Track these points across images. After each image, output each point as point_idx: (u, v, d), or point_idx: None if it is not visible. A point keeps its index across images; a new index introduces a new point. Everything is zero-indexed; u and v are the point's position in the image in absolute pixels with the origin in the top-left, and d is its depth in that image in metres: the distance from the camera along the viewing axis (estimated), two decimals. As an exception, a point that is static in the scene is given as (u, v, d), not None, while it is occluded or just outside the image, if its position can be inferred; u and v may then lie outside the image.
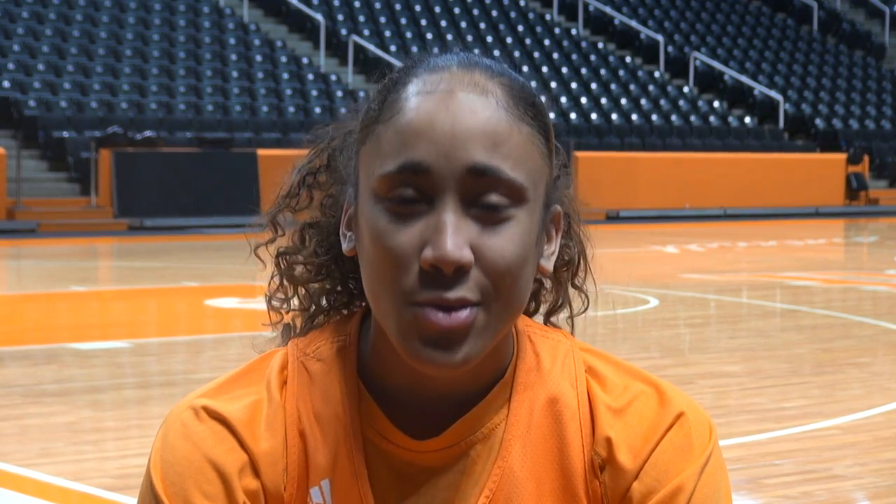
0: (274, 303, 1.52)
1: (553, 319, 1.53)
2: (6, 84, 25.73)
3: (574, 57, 33.99)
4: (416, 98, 1.33)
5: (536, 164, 1.35)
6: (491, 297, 1.31)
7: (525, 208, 1.33)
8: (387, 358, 1.38)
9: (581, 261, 1.52)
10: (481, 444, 1.39)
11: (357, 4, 33.08)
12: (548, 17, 36.19)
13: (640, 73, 34.38)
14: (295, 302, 1.52)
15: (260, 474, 1.38)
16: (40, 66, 26.62)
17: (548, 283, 1.52)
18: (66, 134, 24.59)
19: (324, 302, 1.50)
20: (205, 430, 1.38)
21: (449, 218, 1.29)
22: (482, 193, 1.31)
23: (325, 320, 1.50)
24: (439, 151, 1.30)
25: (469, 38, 33.25)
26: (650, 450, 1.38)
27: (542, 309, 1.53)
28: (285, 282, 1.50)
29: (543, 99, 1.40)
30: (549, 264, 1.41)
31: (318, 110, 27.67)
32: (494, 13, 34.82)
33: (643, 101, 32.77)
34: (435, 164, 1.30)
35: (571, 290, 1.54)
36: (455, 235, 1.29)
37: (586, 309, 1.55)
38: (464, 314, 1.29)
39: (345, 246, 1.40)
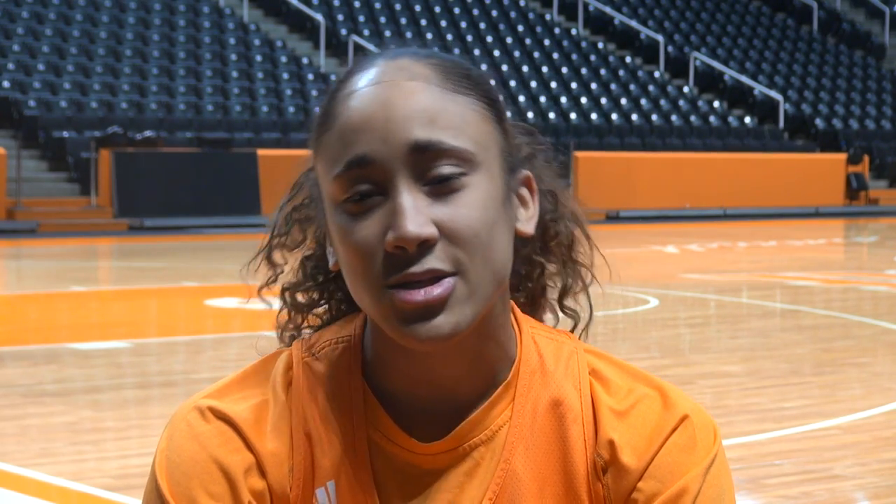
0: (286, 335, 1.52)
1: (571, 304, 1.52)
2: (6, 84, 25.73)
3: (574, 57, 33.99)
4: (349, 98, 1.35)
5: (482, 129, 1.35)
6: (466, 266, 1.30)
7: (479, 173, 1.33)
8: (388, 358, 1.38)
9: (575, 235, 1.50)
10: (485, 445, 1.39)
11: (357, 4, 33.09)
12: (548, 17, 36.19)
13: (640, 73, 34.38)
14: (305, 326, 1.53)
15: (266, 475, 1.38)
16: (40, 66, 26.62)
17: (551, 267, 1.51)
18: (66, 134, 24.59)
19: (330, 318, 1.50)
20: (211, 430, 1.38)
21: (404, 199, 1.30)
22: (430, 168, 1.31)
23: None
24: (378, 139, 1.31)
25: (469, 38, 33.28)
26: (654, 452, 1.38)
27: (553, 294, 1.52)
28: (293, 314, 1.51)
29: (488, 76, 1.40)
30: (528, 227, 1.40)
31: (317, 110, 27.68)
32: (494, 13, 34.81)
33: (643, 101, 32.77)
34: (377, 152, 1.31)
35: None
36: (414, 213, 1.29)
37: (591, 283, 1.52)
38: (438, 288, 1.29)
39: (330, 263, 1.41)
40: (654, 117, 32.20)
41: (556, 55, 33.67)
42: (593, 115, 31.37)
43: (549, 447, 1.40)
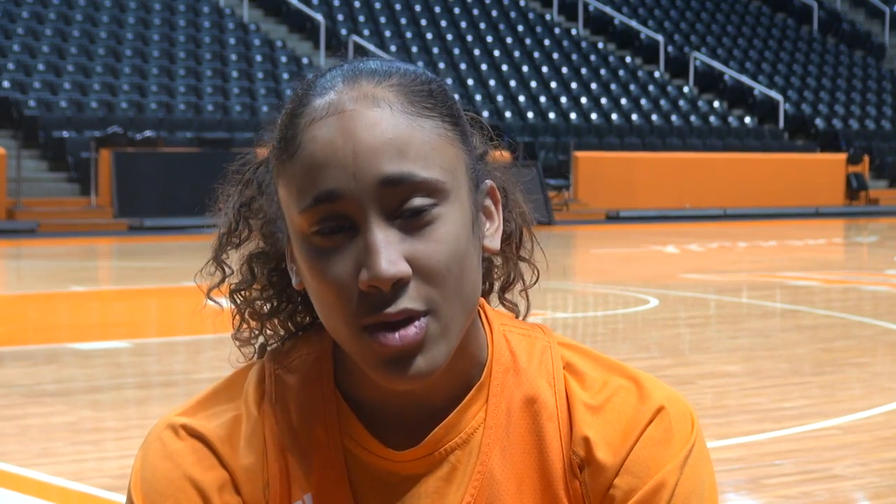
0: (244, 335, 1.50)
1: (508, 295, 1.51)
2: (6, 84, 25.73)
3: (574, 57, 33.99)
4: (312, 128, 1.32)
5: (449, 154, 1.32)
6: (437, 304, 1.29)
7: (450, 202, 1.31)
8: (360, 368, 1.37)
9: (524, 232, 1.48)
10: (461, 449, 1.38)
11: (357, 4, 33.08)
12: (548, 17, 36.19)
13: (640, 73, 34.38)
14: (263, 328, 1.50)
15: (241, 491, 1.38)
16: (40, 66, 26.62)
17: (497, 261, 1.49)
18: (66, 134, 24.59)
19: (291, 325, 1.48)
20: (184, 448, 1.38)
21: (376, 236, 1.27)
22: (402, 202, 1.29)
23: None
24: (347, 175, 1.28)
25: (469, 38, 33.27)
26: (630, 446, 1.37)
27: (496, 286, 1.50)
28: (248, 318, 1.49)
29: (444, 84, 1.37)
30: (494, 242, 1.38)
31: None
32: (494, 13, 34.81)
33: (643, 101, 32.77)
34: (347, 188, 1.28)
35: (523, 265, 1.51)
36: (387, 251, 1.27)
37: (537, 280, 1.51)
38: (412, 330, 1.28)
39: (294, 281, 1.39)
40: (654, 117, 32.21)
41: (556, 55, 33.67)
42: (593, 115, 31.37)
43: (525, 446, 1.39)
